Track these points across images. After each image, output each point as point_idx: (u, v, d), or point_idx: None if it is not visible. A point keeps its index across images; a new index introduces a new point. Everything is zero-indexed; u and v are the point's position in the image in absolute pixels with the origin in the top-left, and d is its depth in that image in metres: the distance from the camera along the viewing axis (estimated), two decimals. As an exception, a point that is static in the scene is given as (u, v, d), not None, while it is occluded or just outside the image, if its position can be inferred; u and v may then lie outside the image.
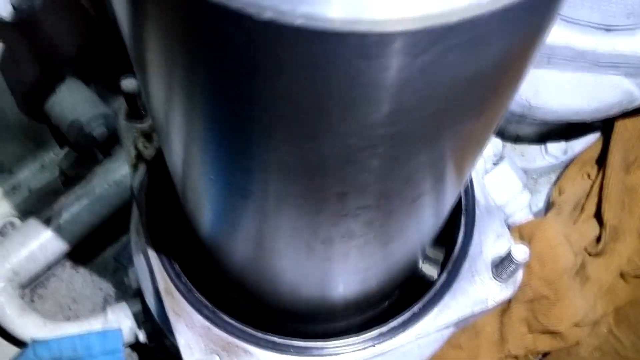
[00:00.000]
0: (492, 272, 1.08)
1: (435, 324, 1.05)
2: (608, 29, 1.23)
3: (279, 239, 0.81)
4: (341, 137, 0.52)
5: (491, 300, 1.07)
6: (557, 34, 1.24)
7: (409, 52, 0.41)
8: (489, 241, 1.10)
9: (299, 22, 0.36)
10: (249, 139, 0.57)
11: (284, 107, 0.49)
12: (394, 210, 0.73)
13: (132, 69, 0.59)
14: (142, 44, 0.52)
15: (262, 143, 0.57)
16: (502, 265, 1.06)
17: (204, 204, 0.85)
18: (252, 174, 0.65)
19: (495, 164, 1.54)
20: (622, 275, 1.57)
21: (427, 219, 0.84)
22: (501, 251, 1.09)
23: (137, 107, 1.13)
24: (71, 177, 1.57)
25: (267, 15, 0.36)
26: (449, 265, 1.10)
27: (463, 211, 1.13)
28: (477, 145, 0.69)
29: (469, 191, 1.15)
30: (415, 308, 1.05)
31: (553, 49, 1.26)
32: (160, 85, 0.58)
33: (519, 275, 1.09)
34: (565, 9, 1.20)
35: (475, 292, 1.07)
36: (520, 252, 1.02)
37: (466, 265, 1.08)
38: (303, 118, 0.50)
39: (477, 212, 1.13)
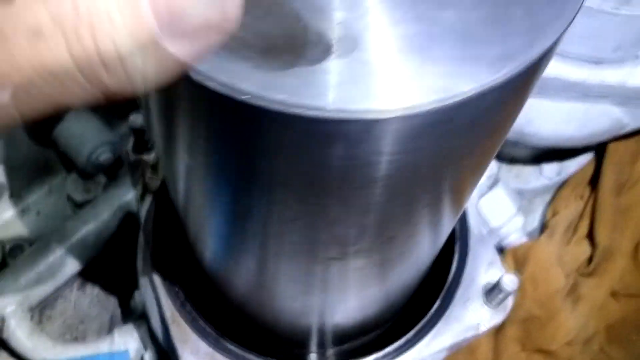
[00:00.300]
0: (484, 299, 1.13)
1: (429, 349, 1.10)
2: (597, 61, 1.27)
3: (278, 274, 0.86)
4: (338, 201, 0.58)
5: (483, 326, 1.12)
6: (549, 67, 1.29)
7: (392, 136, 0.46)
8: (482, 269, 1.16)
9: (300, 112, 0.41)
10: (255, 201, 0.62)
11: (286, 179, 0.54)
12: (388, 252, 0.78)
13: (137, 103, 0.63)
14: (154, 120, 0.58)
15: (267, 203, 0.62)
16: (493, 292, 1.12)
17: (207, 240, 0.90)
18: (253, 226, 0.70)
19: (490, 187, 1.59)
20: (613, 294, 1.60)
21: (419, 257, 0.89)
22: (493, 278, 1.14)
23: (144, 141, 1.19)
24: (78, 201, 1.61)
25: (276, 107, 0.41)
26: (443, 292, 1.15)
27: (457, 240, 1.18)
28: (463, 195, 0.74)
29: (463, 220, 1.20)
30: (410, 334, 1.11)
31: (544, 80, 1.30)
32: (169, 147, 0.63)
33: (510, 301, 1.14)
34: None
35: (468, 318, 1.12)
36: (510, 282, 1.07)
37: (459, 292, 1.14)
38: (305, 189, 0.55)
39: (471, 240, 1.18)
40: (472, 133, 0.53)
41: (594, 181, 1.71)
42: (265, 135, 0.47)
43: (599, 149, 1.73)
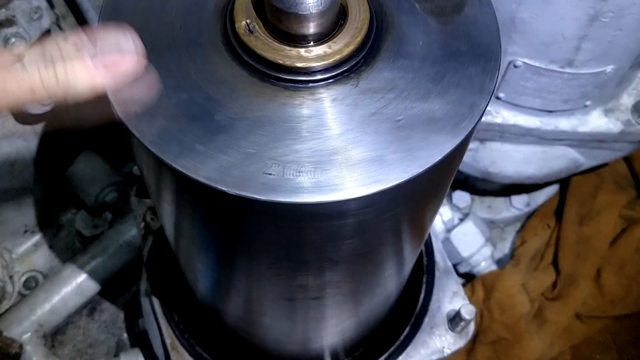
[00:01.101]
0: (448, 325, 1.26)
1: None
2: (550, 111, 1.41)
3: (261, 310, 1.00)
4: (311, 259, 0.73)
5: (447, 350, 1.26)
6: (507, 116, 1.43)
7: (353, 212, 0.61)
8: (446, 299, 1.29)
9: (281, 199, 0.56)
10: (244, 265, 0.78)
11: (271, 245, 0.69)
12: (359, 289, 0.93)
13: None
14: (158, 194, 0.73)
15: (253, 266, 0.78)
16: (456, 320, 1.25)
17: (197, 280, 1.04)
18: (240, 280, 0.85)
19: (461, 219, 1.73)
20: (578, 316, 1.73)
21: (384, 291, 1.04)
22: (456, 307, 1.27)
23: (145, 187, 1.33)
24: (86, 236, 1.75)
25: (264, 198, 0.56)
26: (412, 320, 1.29)
27: (425, 273, 1.32)
28: (417, 242, 0.90)
29: (430, 255, 1.34)
30: (382, 358, 1.25)
31: (503, 127, 1.45)
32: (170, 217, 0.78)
33: (471, 328, 1.27)
34: (512, 97, 1.39)
35: (434, 343, 1.26)
36: (468, 312, 1.21)
37: (426, 320, 1.27)
38: (286, 252, 0.71)
39: (437, 273, 1.32)
40: (403, 206, 0.68)
41: (560, 212, 1.84)
42: (249, 215, 0.62)
43: (564, 182, 1.87)
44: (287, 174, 0.57)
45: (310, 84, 0.63)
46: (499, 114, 1.43)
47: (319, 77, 0.63)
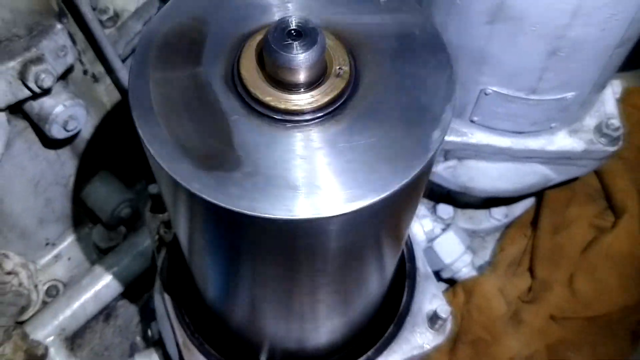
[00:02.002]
0: (428, 324, 1.40)
1: None
2: (519, 132, 1.57)
3: (263, 311, 1.14)
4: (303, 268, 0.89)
5: (427, 346, 1.38)
6: (481, 137, 1.59)
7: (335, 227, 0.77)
8: (426, 300, 1.42)
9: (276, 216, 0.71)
10: (251, 277, 0.94)
11: (270, 254, 0.86)
12: (349, 287, 1.08)
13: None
14: (176, 215, 0.89)
15: (257, 272, 0.94)
16: (434, 319, 1.39)
17: (207, 286, 1.19)
18: (243, 284, 1.01)
19: (444, 230, 1.89)
20: (552, 318, 1.85)
21: (370, 295, 1.19)
22: (435, 308, 1.42)
23: (159, 203, 1.48)
24: (102, 248, 1.90)
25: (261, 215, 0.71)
26: (396, 319, 1.43)
27: (407, 277, 1.47)
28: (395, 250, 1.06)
29: (412, 262, 1.49)
30: (370, 353, 1.38)
31: (478, 147, 1.60)
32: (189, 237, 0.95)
33: (448, 326, 1.41)
34: (485, 120, 1.54)
35: (415, 340, 1.38)
36: (444, 311, 1.36)
37: (409, 319, 1.40)
38: (283, 260, 0.87)
39: (418, 278, 1.46)
40: (378, 222, 0.84)
41: (536, 222, 1.98)
42: (252, 230, 0.78)
43: (539, 195, 2.02)
44: (256, 196, 0.72)
45: (300, 123, 0.78)
46: (474, 135, 1.59)
47: (307, 117, 0.78)
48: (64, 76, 1.52)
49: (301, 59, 0.74)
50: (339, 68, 0.82)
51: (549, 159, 1.66)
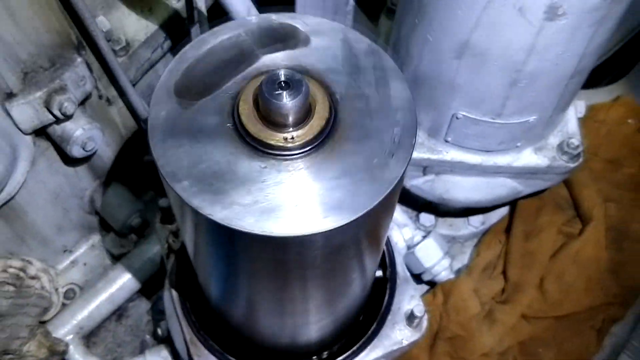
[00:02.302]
0: (406, 322, 1.52)
1: (368, 358, 1.50)
2: (488, 151, 1.74)
3: (260, 310, 1.29)
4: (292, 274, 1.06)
5: (405, 341, 1.52)
6: (454, 155, 1.76)
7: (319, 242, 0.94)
8: (405, 301, 1.55)
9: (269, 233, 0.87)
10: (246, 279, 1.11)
11: (262, 265, 1.03)
12: (334, 290, 1.24)
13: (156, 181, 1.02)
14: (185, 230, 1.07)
15: (251, 279, 1.11)
16: (411, 317, 1.53)
17: (211, 288, 1.34)
18: (242, 287, 1.18)
19: (424, 237, 2.07)
20: (523, 317, 2.00)
21: (354, 293, 1.35)
22: (412, 307, 1.58)
23: (168, 215, 1.62)
24: (115, 254, 2.07)
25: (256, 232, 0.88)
26: (378, 318, 1.55)
27: (388, 281, 1.62)
28: (374, 256, 1.23)
29: (393, 267, 1.64)
30: (355, 347, 1.50)
31: (453, 163, 1.77)
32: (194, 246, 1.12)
33: (424, 323, 1.55)
34: (457, 140, 1.71)
35: (395, 336, 1.52)
36: (419, 310, 1.51)
37: (389, 318, 1.53)
38: (276, 267, 1.04)
39: (398, 281, 1.60)
40: (357, 233, 1.01)
41: (509, 229, 2.13)
42: (248, 243, 0.95)
43: (513, 204, 2.18)
44: (254, 215, 0.85)
45: (288, 156, 0.90)
46: (448, 153, 1.77)
47: (294, 151, 0.91)
48: (83, 102, 1.69)
49: (289, 106, 0.87)
50: (321, 110, 0.97)
51: (516, 174, 1.82)
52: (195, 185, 0.88)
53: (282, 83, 0.89)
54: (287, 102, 0.88)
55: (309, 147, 0.92)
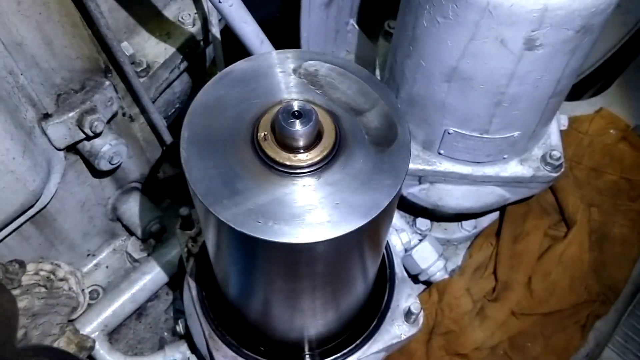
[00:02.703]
0: (404, 318, 1.66)
1: (369, 351, 1.63)
2: (477, 162, 1.89)
3: (274, 307, 1.42)
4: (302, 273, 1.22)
5: (403, 336, 1.65)
6: (447, 166, 1.92)
7: (327, 248, 1.09)
8: (403, 299, 1.68)
9: (282, 240, 1.02)
10: (260, 277, 1.27)
11: (276, 265, 1.18)
12: (340, 289, 1.38)
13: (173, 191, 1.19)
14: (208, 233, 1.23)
15: (265, 279, 1.26)
16: (409, 314, 1.65)
17: (230, 285, 1.46)
18: (258, 286, 1.33)
19: (420, 240, 2.22)
20: (513, 314, 2.13)
21: (357, 291, 1.48)
22: (410, 305, 1.72)
23: (188, 223, 1.74)
24: (136, 258, 2.23)
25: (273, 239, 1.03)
26: (378, 315, 1.66)
27: (387, 281, 1.73)
28: (374, 260, 1.38)
29: (392, 268, 1.78)
30: (357, 341, 1.63)
31: (445, 173, 1.92)
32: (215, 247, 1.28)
33: (420, 319, 1.67)
34: (449, 152, 1.87)
35: (394, 331, 1.65)
36: (416, 307, 1.66)
37: (389, 315, 1.67)
38: (287, 267, 1.19)
39: (396, 281, 1.71)
40: (360, 240, 1.17)
41: (499, 233, 2.28)
42: (253, 243, 1.07)
43: (502, 210, 2.33)
44: (269, 224, 0.97)
45: (298, 175, 1.01)
46: (441, 164, 1.92)
47: (305, 170, 1.01)
48: (109, 120, 1.86)
49: (301, 133, 0.99)
50: (328, 136, 1.12)
51: (503, 183, 1.97)
52: (219, 197, 1.00)
53: (296, 112, 1.01)
54: (300, 129, 0.99)
55: (318, 166, 1.03)
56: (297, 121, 1.00)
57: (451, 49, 1.54)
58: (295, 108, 1.02)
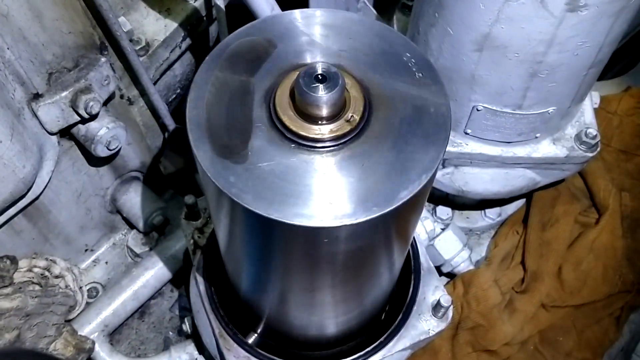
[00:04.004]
0: (432, 312, 1.54)
1: (395, 349, 1.51)
2: (507, 142, 1.77)
3: (289, 303, 1.31)
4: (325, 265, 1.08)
5: (431, 332, 1.54)
6: (474, 147, 1.78)
7: (340, 235, 0.96)
8: (429, 291, 1.57)
9: (299, 223, 0.90)
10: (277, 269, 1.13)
11: (296, 256, 1.05)
12: (364, 281, 1.26)
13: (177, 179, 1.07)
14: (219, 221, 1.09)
15: (283, 267, 1.13)
16: (437, 307, 1.56)
17: (241, 279, 1.36)
18: (274, 278, 1.20)
19: (443, 229, 2.09)
20: (543, 306, 2.01)
21: (382, 284, 1.37)
22: (437, 297, 1.57)
23: (194, 212, 1.65)
24: (137, 252, 2.10)
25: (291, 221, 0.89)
26: (404, 309, 1.58)
27: (412, 272, 1.64)
28: (402, 247, 1.25)
29: (417, 259, 1.67)
30: (382, 338, 1.53)
31: (472, 155, 1.79)
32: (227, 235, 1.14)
33: (450, 314, 1.58)
34: (477, 132, 1.74)
35: (421, 326, 1.54)
36: (446, 300, 1.53)
37: (415, 308, 1.55)
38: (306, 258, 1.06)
39: (422, 272, 1.62)
40: (385, 228, 1.03)
41: (526, 220, 2.15)
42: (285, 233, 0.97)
43: (529, 196, 2.21)
44: (296, 202, 0.87)
45: (320, 148, 0.91)
46: (468, 145, 1.79)
47: (327, 144, 0.92)
48: (106, 102, 1.72)
49: (324, 100, 0.89)
50: (355, 105, 0.98)
51: (534, 165, 1.84)
52: (210, 147, 0.91)
53: (320, 76, 0.90)
54: (323, 95, 0.89)
55: (342, 141, 0.93)
56: (321, 86, 0.89)
57: (484, 12, 1.40)
58: (319, 71, 0.91)
